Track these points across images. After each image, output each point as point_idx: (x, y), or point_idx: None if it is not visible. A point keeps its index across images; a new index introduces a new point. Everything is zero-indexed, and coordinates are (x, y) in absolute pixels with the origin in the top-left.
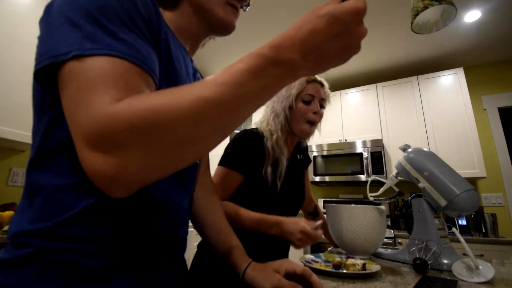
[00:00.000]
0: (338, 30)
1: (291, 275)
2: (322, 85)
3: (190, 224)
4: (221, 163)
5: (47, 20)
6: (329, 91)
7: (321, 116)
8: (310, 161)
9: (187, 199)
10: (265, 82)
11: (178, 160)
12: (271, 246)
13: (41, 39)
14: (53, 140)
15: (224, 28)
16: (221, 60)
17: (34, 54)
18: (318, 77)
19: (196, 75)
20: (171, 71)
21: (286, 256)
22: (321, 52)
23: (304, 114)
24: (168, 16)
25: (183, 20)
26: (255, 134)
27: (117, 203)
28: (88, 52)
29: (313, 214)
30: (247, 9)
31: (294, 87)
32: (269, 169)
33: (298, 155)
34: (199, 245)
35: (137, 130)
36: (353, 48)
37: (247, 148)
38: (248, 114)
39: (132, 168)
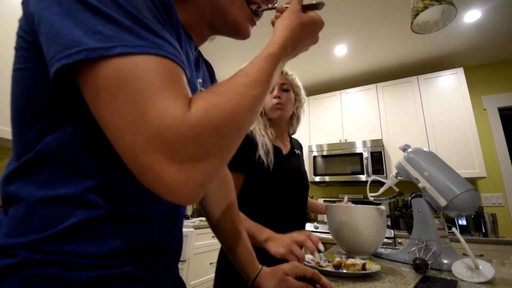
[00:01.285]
0: (314, 35)
1: (301, 279)
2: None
3: (190, 224)
4: None
5: (50, 6)
6: (292, 76)
7: (287, 99)
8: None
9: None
10: (276, 75)
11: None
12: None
13: (53, 27)
14: (42, 149)
15: (237, 34)
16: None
17: None
18: None
19: (199, 65)
20: None
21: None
22: (301, 47)
23: (268, 103)
24: (178, 5)
25: (195, 14)
26: None
27: (112, 221)
28: (138, 50)
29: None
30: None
31: None
32: (261, 151)
33: (296, 150)
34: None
35: (221, 135)
36: (314, 43)
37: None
38: None
39: (217, 171)
